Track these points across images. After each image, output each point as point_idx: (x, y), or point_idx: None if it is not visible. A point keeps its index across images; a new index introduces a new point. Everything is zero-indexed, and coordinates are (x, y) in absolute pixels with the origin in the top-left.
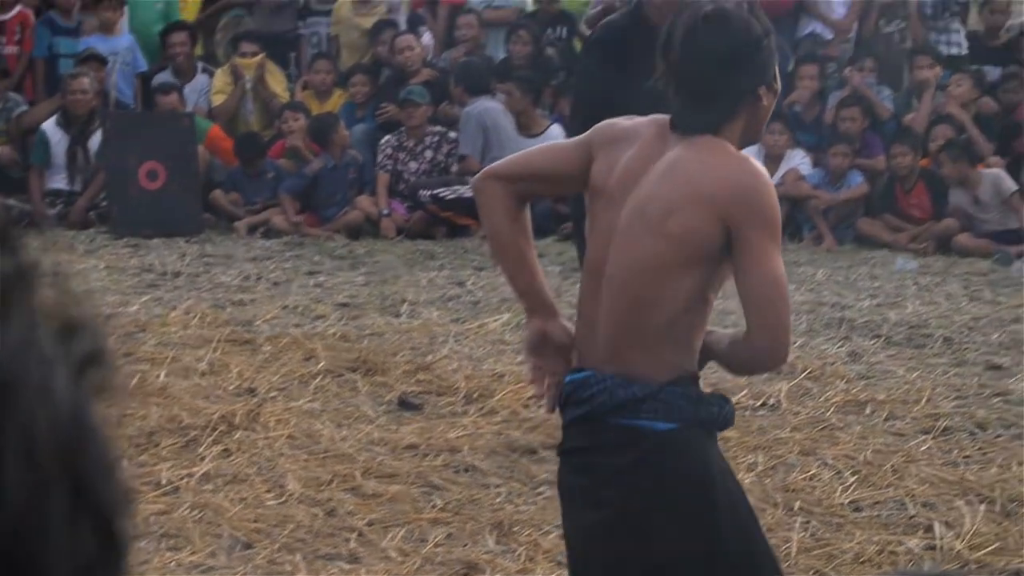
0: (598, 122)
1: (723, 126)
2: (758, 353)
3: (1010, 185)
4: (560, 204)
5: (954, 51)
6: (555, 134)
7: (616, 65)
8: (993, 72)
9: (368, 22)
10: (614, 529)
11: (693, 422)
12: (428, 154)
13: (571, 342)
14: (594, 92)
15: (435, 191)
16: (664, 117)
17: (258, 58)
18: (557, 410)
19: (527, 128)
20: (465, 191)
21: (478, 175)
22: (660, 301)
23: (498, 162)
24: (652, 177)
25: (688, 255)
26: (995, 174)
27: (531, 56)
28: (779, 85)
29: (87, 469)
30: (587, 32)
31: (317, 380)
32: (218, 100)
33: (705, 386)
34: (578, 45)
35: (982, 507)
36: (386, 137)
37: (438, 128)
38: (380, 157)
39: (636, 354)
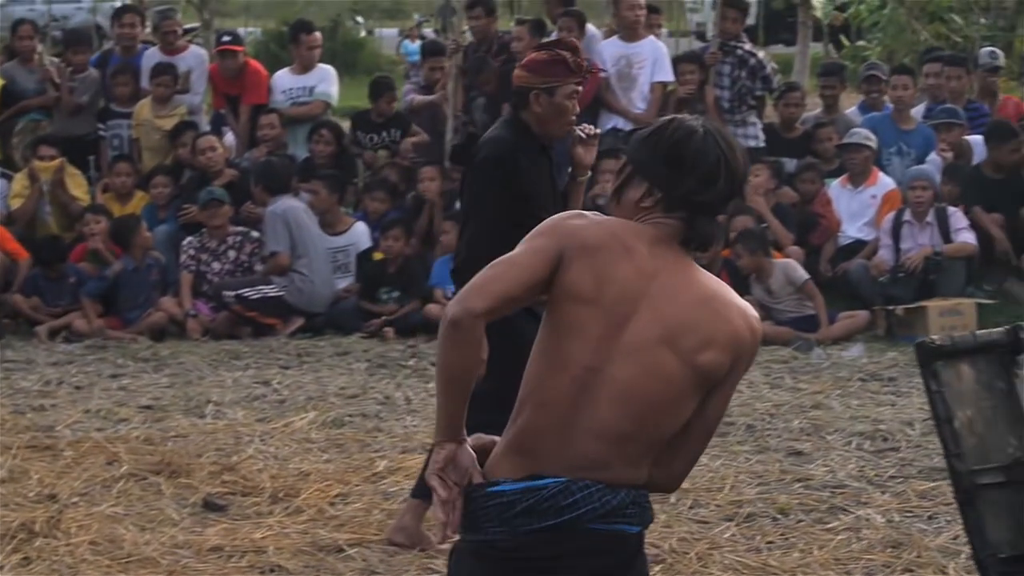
0: (497, 237)
1: None
2: (670, 480)
3: (801, 274)
4: (365, 302)
5: (752, 143)
6: (360, 231)
7: (511, 179)
8: (790, 163)
9: (169, 124)
10: None
11: (647, 524)
12: (231, 254)
13: (474, 466)
14: (489, 209)
15: (239, 291)
16: (642, 227)
17: (56, 162)
18: (510, 519)
19: (332, 226)
20: (270, 291)
21: (459, 310)
22: (670, 421)
23: (473, 295)
24: (680, 300)
25: (705, 384)
26: (786, 264)
27: (333, 155)
28: None
29: None
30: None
31: (120, 484)
32: (16, 204)
33: None
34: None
35: None
36: (188, 238)
37: (240, 228)
38: (183, 258)
39: (623, 463)
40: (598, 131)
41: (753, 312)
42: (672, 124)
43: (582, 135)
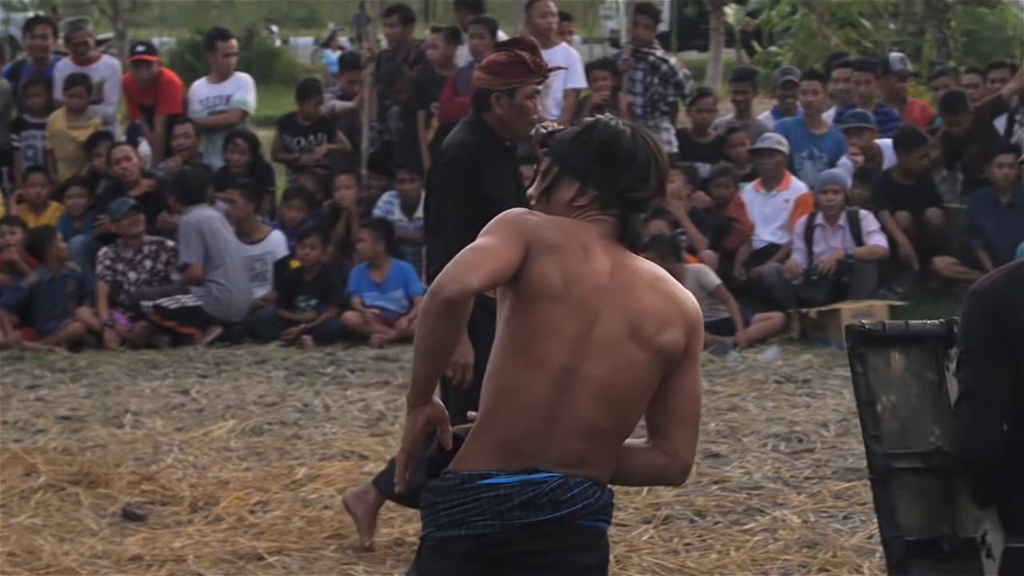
0: (468, 241)
1: None
2: (681, 468)
3: (713, 279)
4: (282, 310)
5: (665, 149)
6: (277, 239)
7: (477, 182)
8: (704, 168)
9: (83, 135)
10: None
11: None
12: (147, 264)
13: (444, 417)
14: (456, 213)
15: (157, 301)
16: (588, 224)
17: None
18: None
19: (248, 235)
20: (187, 300)
21: (457, 288)
22: (637, 413)
23: (468, 273)
24: (636, 291)
25: (666, 365)
26: (698, 269)
27: (249, 164)
28: None
29: None
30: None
31: (38, 495)
32: None
33: None
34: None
35: None
36: (103, 248)
37: (155, 237)
38: (99, 268)
39: (600, 461)
40: (562, 128)
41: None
42: (599, 125)
43: (544, 132)
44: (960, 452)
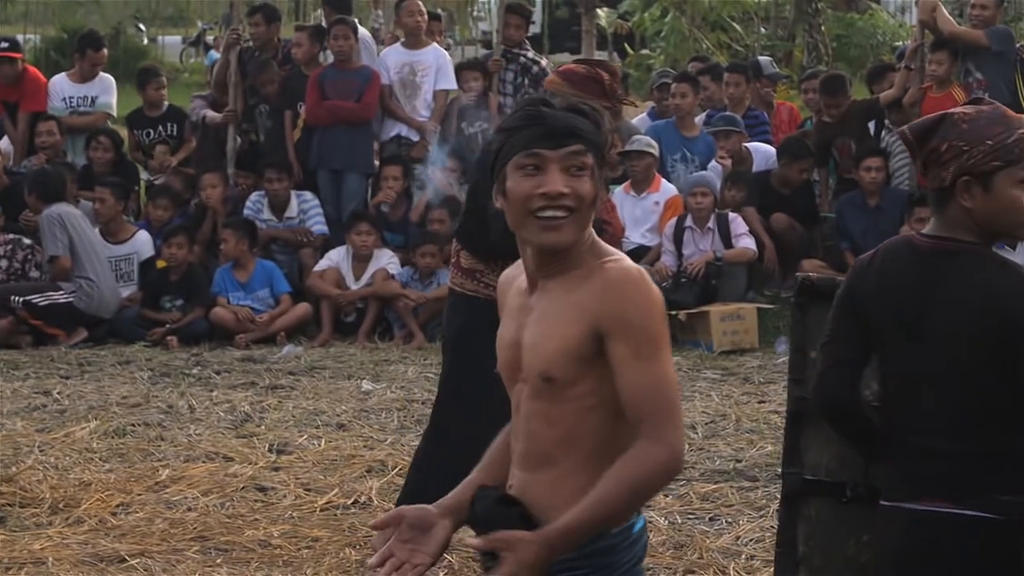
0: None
1: None
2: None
3: None
4: (147, 310)
5: None
6: (143, 240)
7: None
8: None
9: None
10: None
11: None
12: (3, 263)
13: None
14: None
15: (27, 297)
16: None
17: None
18: None
19: (114, 235)
20: (59, 297)
21: (681, 458)
22: None
23: (681, 432)
24: None
25: None
26: None
27: (112, 162)
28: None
29: None
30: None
31: None
32: None
33: None
34: None
35: None
36: None
37: (11, 236)
38: None
39: None
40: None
41: None
42: (584, 106)
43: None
44: (814, 394)
